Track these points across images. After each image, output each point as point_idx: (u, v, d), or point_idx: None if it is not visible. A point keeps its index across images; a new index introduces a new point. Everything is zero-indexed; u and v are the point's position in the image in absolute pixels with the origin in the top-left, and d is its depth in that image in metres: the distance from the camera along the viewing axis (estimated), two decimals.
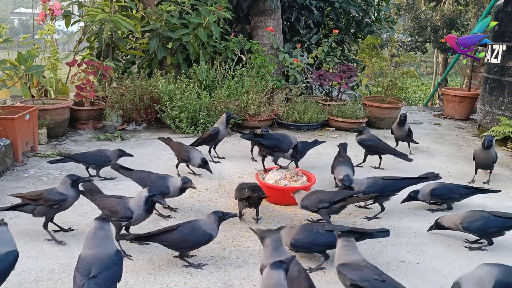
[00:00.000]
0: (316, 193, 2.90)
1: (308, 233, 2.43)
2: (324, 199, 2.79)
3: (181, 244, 2.38)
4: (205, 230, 2.41)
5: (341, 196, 2.81)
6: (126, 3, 5.54)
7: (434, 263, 2.55)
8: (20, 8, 30.83)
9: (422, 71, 22.86)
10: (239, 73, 5.63)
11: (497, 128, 4.92)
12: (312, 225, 2.52)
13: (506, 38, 5.11)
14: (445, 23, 14.02)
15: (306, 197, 2.88)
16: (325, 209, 2.78)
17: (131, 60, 6.25)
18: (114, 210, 2.49)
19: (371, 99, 6.00)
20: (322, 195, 2.85)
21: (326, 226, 2.51)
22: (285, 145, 3.59)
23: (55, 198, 2.63)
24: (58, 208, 2.67)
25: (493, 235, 2.66)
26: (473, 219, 2.65)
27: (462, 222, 2.67)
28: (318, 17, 6.73)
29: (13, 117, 3.86)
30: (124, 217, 2.47)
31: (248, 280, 2.33)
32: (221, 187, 3.61)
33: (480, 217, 2.65)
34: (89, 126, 5.28)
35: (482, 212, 2.70)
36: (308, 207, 2.84)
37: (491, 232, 2.64)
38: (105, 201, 2.58)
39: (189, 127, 5.08)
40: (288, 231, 2.48)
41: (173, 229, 2.38)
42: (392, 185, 3.09)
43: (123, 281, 2.28)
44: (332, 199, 2.78)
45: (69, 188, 2.68)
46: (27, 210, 2.69)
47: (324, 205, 2.76)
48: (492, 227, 2.62)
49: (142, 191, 2.54)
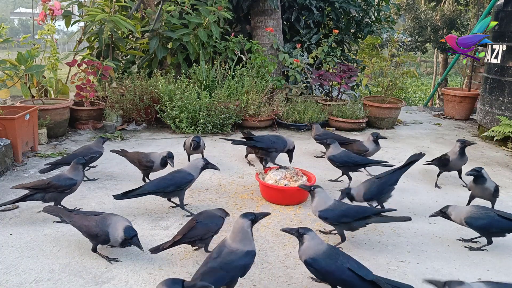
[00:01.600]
0: (342, 205, 2.66)
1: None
2: (350, 215, 2.59)
3: (206, 234, 2.46)
4: (218, 215, 2.57)
5: (366, 213, 2.61)
6: (126, 3, 5.54)
7: (434, 263, 2.55)
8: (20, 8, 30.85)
9: (422, 71, 22.87)
10: (239, 73, 5.64)
11: (497, 128, 4.92)
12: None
13: (506, 38, 5.11)
14: (445, 23, 14.03)
15: (329, 210, 2.64)
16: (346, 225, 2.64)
17: (131, 60, 6.25)
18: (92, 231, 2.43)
19: (371, 99, 6.00)
20: (347, 209, 2.62)
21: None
22: (280, 145, 3.62)
23: (65, 183, 2.87)
24: (68, 192, 2.92)
25: (494, 235, 2.65)
26: (478, 216, 2.59)
27: (466, 217, 2.62)
28: (318, 17, 6.73)
29: (13, 117, 3.86)
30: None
31: (248, 280, 2.33)
32: (221, 187, 3.61)
33: (485, 215, 2.59)
34: (89, 126, 5.28)
35: (488, 210, 2.63)
36: (327, 220, 2.66)
37: (493, 232, 2.62)
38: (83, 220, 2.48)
39: (189, 127, 5.09)
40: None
41: (194, 225, 2.45)
42: (388, 181, 2.97)
43: (123, 281, 2.28)
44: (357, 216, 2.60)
45: (79, 172, 2.93)
46: (37, 198, 2.87)
47: (348, 220, 2.60)
48: (496, 227, 2.59)
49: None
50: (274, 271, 2.42)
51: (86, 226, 2.43)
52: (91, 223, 2.42)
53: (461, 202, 3.41)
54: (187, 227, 2.45)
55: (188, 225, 2.47)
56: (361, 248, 2.70)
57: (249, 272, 2.39)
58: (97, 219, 2.43)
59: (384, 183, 2.96)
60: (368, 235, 2.86)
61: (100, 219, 2.43)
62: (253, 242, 2.14)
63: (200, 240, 2.47)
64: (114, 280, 2.29)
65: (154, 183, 2.98)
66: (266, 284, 2.30)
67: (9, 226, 2.82)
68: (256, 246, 2.67)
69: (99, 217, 2.45)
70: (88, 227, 2.42)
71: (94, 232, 2.40)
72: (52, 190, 2.84)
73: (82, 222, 2.45)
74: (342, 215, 2.57)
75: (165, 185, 2.94)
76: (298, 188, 3.21)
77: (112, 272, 2.36)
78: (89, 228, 2.41)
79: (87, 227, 2.42)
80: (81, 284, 2.25)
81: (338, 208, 2.60)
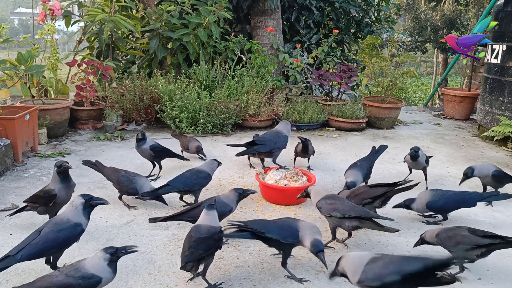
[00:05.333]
0: (336, 199, 2.65)
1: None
2: (341, 209, 2.56)
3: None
4: (226, 202, 2.65)
5: (358, 213, 2.53)
6: (126, 3, 5.54)
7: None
8: (20, 8, 30.83)
9: (422, 71, 22.87)
10: (239, 73, 5.64)
11: (497, 128, 4.92)
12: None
13: (506, 38, 5.11)
14: (445, 23, 14.03)
15: (324, 199, 2.66)
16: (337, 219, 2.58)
17: (131, 60, 6.25)
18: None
19: (371, 99, 6.00)
20: (340, 204, 2.60)
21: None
22: (282, 142, 3.63)
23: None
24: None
25: (476, 256, 2.35)
26: (450, 235, 2.38)
27: (438, 237, 2.42)
28: (318, 17, 6.73)
29: (13, 117, 3.86)
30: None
31: (248, 280, 2.33)
32: (221, 187, 3.61)
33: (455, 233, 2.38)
34: (89, 126, 5.28)
35: (460, 228, 2.42)
36: (321, 209, 2.66)
37: (469, 250, 2.33)
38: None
39: (189, 127, 5.08)
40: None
41: (198, 206, 2.54)
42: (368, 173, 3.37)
43: (123, 281, 2.28)
44: (347, 213, 2.54)
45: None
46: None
47: (337, 215, 2.55)
48: (467, 244, 2.32)
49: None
50: (274, 271, 2.42)
51: (116, 177, 3.07)
52: (120, 177, 3.06)
53: None
54: (192, 206, 2.56)
55: (194, 205, 2.60)
56: (361, 248, 2.70)
57: (248, 272, 2.40)
58: (126, 174, 3.08)
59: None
60: (368, 235, 2.86)
61: (128, 175, 3.08)
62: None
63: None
64: (114, 280, 2.28)
65: (181, 181, 3.05)
66: (266, 284, 2.30)
67: (9, 226, 2.82)
68: (255, 246, 2.69)
69: (128, 173, 3.09)
70: (117, 178, 3.07)
71: (122, 184, 3.05)
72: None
73: (112, 174, 3.11)
74: (332, 208, 2.57)
75: (192, 184, 3.06)
76: (298, 188, 3.21)
77: None
78: (119, 179, 3.06)
79: (117, 179, 3.07)
80: None
81: (330, 199, 2.64)
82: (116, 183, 3.10)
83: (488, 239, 2.30)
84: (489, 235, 2.33)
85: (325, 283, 2.31)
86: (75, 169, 3.79)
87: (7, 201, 3.16)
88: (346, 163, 4.22)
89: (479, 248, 2.31)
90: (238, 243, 2.70)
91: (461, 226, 2.45)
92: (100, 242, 2.66)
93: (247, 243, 2.70)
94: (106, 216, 3.02)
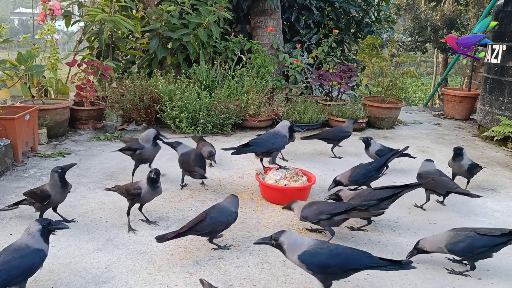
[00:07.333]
0: (316, 204, 2.75)
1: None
2: (325, 211, 2.65)
3: (215, 228, 2.52)
4: (231, 210, 2.61)
5: (343, 208, 2.66)
6: (126, 3, 5.54)
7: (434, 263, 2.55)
8: (20, 8, 30.81)
9: (422, 71, 22.87)
10: (239, 73, 5.64)
11: (497, 128, 4.92)
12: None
13: (506, 38, 5.11)
14: (445, 23, 14.04)
15: (306, 208, 2.73)
16: (326, 221, 2.66)
17: (131, 60, 6.25)
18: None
19: (371, 99, 6.00)
20: (323, 206, 2.70)
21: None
22: (280, 142, 3.61)
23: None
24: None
25: (479, 257, 2.41)
26: (458, 240, 2.39)
27: (447, 243, 2.41)
28: (318, 17, 6.73)
29: (13, 117, 3.86)
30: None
31: (248, 280, 2.33)
32: (221, 187, 3.61)
33: (464, 237, 2.39)
34: (89, 126, 5.28)
35: (467, 231, 2.43)
36: (308, 218, 2.71)
37: (477, 253, 2.37)
38: None
39: (189, 127, 5.08)
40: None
41: (204, 218, 2.50)
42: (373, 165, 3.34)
43: (123, 281, 2.28)
44: (333, 211, 2.64)
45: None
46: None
47: (325, 216, 2.64)
48: (478, 247, 2.35)
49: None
50: (274, 271, 2.42)
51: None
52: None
53: (461, 202, 3.41)
54: (198, 219, 2.52)
55: (199, 217, 2.54)
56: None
57: (249, 272, 2.40)
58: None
59: (369, 168, 3.28)
60: (368, 235, 2.86)
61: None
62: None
63: (209, 234, 2.53)
64: (114, 280, 2.29)
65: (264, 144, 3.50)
66: (266, 284, 2.30)
67: (9, 226, 2.82)
68: (255, 246, 2.68)
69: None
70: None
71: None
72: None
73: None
74: (318, 212, 2.67)
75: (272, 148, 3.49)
76: (298, 188, 3.22)
77: (112, 272, 2.36)
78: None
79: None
80: (81, 284, 2.25)
81: (311, 205, 2.74)
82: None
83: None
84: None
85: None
86: (75, 169, 3.79)
87: (7, 201, 3.16)
88: (346, 163, 4.23)
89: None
90: (238, 243, 2.70)
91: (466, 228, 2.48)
92: (100, 242, 2.66)
93: (247, 243, 2.70)
94: (106, 216, 3.02)
